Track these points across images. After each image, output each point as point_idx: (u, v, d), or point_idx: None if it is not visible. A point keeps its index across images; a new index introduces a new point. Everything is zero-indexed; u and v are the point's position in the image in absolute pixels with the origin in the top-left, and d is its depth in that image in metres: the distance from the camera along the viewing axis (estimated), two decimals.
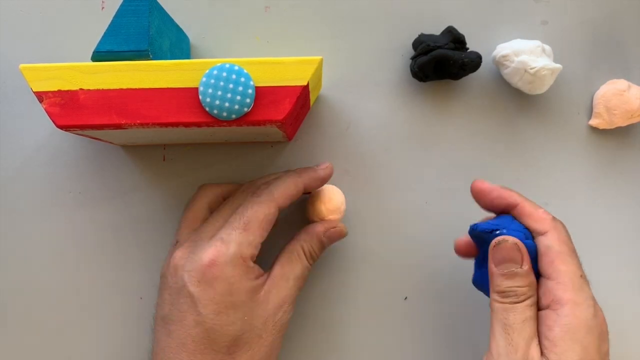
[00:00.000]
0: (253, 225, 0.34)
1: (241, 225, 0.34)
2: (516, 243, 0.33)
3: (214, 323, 0.32)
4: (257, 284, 0.34)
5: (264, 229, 0.34)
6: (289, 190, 0.36)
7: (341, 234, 0.38)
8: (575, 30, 0.42)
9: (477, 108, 0.42)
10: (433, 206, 0.42)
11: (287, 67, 0.32)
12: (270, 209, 0.35)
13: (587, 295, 0.32)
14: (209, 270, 0.33)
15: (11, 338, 0.41)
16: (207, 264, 0.33)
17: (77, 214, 0.42)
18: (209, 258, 0.33)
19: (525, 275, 0.33)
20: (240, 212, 0.35)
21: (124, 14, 0.34)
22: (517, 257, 0.33)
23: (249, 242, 0.34)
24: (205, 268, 0.33)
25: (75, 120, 0.33)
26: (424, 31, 0.41)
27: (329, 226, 0.37)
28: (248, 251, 0.34)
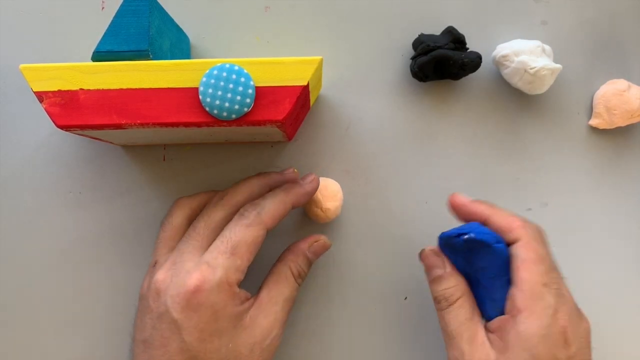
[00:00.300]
0: (241, 250, 0.33)
1: (228, 249, 0.33)
2: (433, 249, 0.35)
3: (198, 350, 0.31)
4: (242, 309, 0.33)
5: (251, 253, 0.33)
6: (278, 211, 0.35)
7: (325, 246, 0.38)
8: (575, 30, 0.42)
9: (477, 108, 0.42)
10: (433, 206, 0.42)
11: (287, 67, 0.32)
12: (258, 231, 0.33)
13: (546, 304, 0.32)
14: (193, 297, 0.31)
15: (11, 338, 0.41)
16: (192, 289, 0.31)
17: (77, 214, 0.42)
18: (194, 284, 0.31)
19: (449, 277, 0.34)
20: (227, 235, 0.33)
21: (124, 14, 0.34)
22: (438, 262, 0.35)
23: (236, 267, 0.32)
24: (189, 294, 0.31)
25: (75, 120, 0.33)
26: (424, 31, 0.41)
27: (312, 240, 0.37)
28: (235, 276, 0.32)
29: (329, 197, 0.39)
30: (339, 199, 0.39)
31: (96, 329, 0.41)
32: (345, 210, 0.41)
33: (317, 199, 0.39)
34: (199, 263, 0.32)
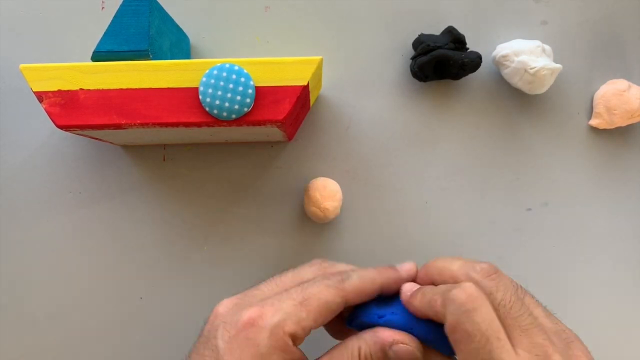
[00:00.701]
0: (311, 304, 0.29)
1: (299, 298, 0.30)
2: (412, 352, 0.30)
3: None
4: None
5: (320, 313, 0.30)
6: (364, 286, 0.31)
7: (411, 354, 0.30)
8: (575, 30, 0.42)
9: (477, 108, 0.42)
10: (433, 206, 0.42)
11: (287, 67, 0.32)
12: (336, 297, 0.30)
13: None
14: (244, 329, 0.29)
15: (11, 337, 0.41)
16: (245, 321, 0.29)
17: (77, 214, 0.42)
18: (249, 316, 0.29)
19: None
20: (304, 286, 0.30)
21: (124, 14, 0.34)
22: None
23: (299, 319, 0.29)
24: (241, 325, 0.29)
25: (75, 120, 0.33)
26: (424, 31, 0.41)
27: (399, 339, 0.30)
28: (293, 327, 0.29)
29: (327, 197, 0.39)
30: (338, 199, 0.39)
31: (96, 329, 0.41)
32: (345, 210, 0.41)
33: (315, 198, 0.39)
34: (265, 300, 0.30)
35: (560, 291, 0.42)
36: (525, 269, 0.42)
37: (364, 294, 0.31)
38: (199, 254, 0.42)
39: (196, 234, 0.42)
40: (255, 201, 0.42)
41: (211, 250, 0.42)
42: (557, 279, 0.42)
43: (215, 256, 0.42)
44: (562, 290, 0.42)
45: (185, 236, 0.42)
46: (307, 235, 0.41)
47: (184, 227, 0.42)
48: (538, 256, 0.42)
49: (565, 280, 0.42)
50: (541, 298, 0.42)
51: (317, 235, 0.42)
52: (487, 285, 0.28)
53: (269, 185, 0.42)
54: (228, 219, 0.42)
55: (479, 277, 0.29)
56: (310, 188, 0.39)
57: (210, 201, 0.42)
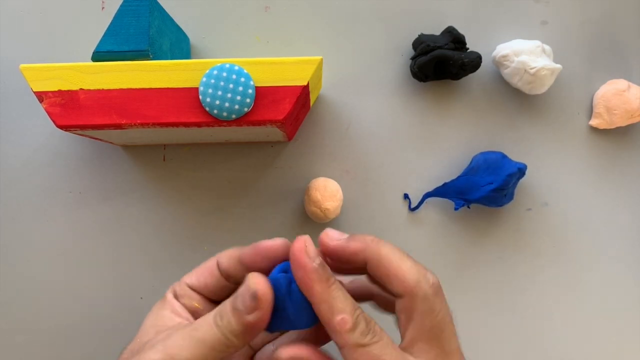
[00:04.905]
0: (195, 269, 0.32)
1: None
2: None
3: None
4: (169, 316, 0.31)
5: (195, 272, 0.32)
6: (232, 250, 0.31)
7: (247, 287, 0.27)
8: (575, 30, 0.42)
9: (477, 108, 0.42)
10: (433, 206, 0.42)
11: (287, 67, 0.32)
12: (211, 259, 0.32)
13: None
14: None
15: (11, 337, 0.41)
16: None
17: (77, 214, 0.42)
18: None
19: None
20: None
21: (124, 14, 0.34)
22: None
23: (180, 279, 0.32)
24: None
25: (75, 120, 0.33)
26: (424, 31, 0.41)
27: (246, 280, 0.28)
28: (174, 286, 0.32)
29: (328, 197, 0.39)
30: (338, 199, 0.40)
31: (96, 329, 0.41)
32: (345, 210, 0.41)
33: (316, 198, 0.39)
34: None
35: (560, 291, 0.42)
36: (525, 269, 0.42)
37: (230, 257, 0.31)
38: (199, 254, 0.42)
39: (196, 234, 0.42)
40: (255, 201, 0.42)
41: (211, 250, 0.42)
42: (557, 279, 0.42)
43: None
44: (562, 290, 0.42)
45: (185, 236, 0.42)
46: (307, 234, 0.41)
47: (184, 227, 0.42)
48: (538, 256, 0.42)
49: (565, 280, 0.42)
50: (541, 298, 0.42)
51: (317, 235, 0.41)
52: (433, 302, 0.27)
53: (269, 185, 0.42)
54: (228, 219, 0.42)
55: (430, 291, 0.27)
56: (311, 188, 0.40)
57: (210, 201, 0.42)
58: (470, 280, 0.42)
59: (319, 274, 0.27)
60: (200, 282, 0.31)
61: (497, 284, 0.42)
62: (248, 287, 0.27)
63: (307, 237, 0.28)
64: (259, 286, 0.27)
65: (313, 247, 0.28)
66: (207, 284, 0.31)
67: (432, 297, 0.27)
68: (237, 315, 0.27)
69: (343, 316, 0.26)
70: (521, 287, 0.42)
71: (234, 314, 0.27)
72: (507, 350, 0.42)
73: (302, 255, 0.28)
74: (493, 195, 0.39)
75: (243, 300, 0.27)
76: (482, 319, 0.42)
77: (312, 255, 0.28)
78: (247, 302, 0.27)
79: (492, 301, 0.42)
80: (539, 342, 0.42)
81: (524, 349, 0.42)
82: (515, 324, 0.42)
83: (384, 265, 0.28)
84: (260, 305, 0.27)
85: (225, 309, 0.28)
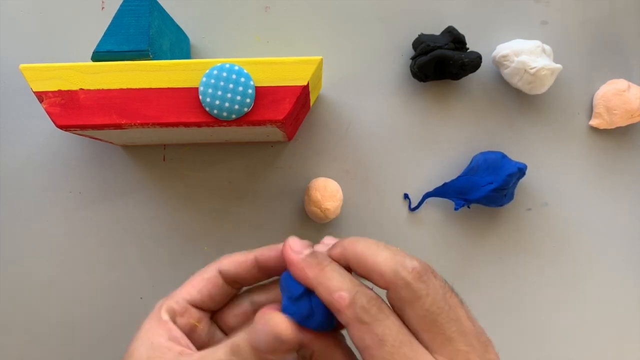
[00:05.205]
0: (185, 283, 0.31)
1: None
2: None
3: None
4: (166, 345, 0.29)
5: (194, 286, 0.31)
6: (237, 256, 0.31)
7: (276, 332, 0.26)
8: (575, 30, 0.42)
9: (477, 108, 0.42)
10: (433, 206, 0.42)
11: (287, 67, 0.32)
12: (208, 269, 0.31)
13: None
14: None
15: (11, 337, 0.41)
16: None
17: (77, 214, 0.42)
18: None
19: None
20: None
21: (124, 14, 0.34)
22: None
23: (172, 296, 0.31)
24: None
25: (75, 120, 0.33)
26: (424, 31, 0.41)
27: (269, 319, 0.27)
28: (166, 304, 0.30)
29: (328, 197, 0.39)
30: (338, 199, 0.40)
31: (96, 329, 0.41)
32: (345, 210, 0.41)
33: (316, 198, 0.39)
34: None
35: (560, 291, 0.42)
36: (525, 269, 0.42)
37: (237, 262, 0.31)
38: (199, 254, 0.42)
39: (196, 234, 0.42)
40: (255, 201, 0.42)
41: (211, 250, 0.42)
42: (557, 279, 0.42)
43: (215, 256, 0.41)
44: (562, 290, 0.42)
45: (185, 236, 0.42)
46: (307, 235, 0.41)
47: (184, 227, 0.42)
48: (538, 256, 0.42)
49: (565, 280, 0.42)
50: (541, 298, 0.42)
51: (317, 235, 0.42)
52: (417, 289, 0.26)
53: (269, 185, 0.42)
54: (228, 219, 0.42)
55: (410, 278, 0.26)
56: (311, 188, 0.40)
57: (210, 201, 0.42)
58: (470, 280, 0.42)
59: (307, 262, 0.27)
60: (204, 295, 0.31)
61: (497, 284, 0.42)
62: (272, 328, 0.26)
63: (290, 237, 0.29)
64: (282, 327, 0.26)
65: (297, 243, 0.28)
66: (211, 296, 0.31)
67: (415, 283, 0.26)
68: (257, 355, 0.26)
69: (340, 293, 0.26)
70: (521, 287, 0.42)
71: (254, 354, 0.26)
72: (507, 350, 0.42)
73: (288, 254, 0.28)
74: (493, 195, 0.39)
75: (267, 341, 0.26)
76: (482, 318, 0.42)
77: (297, 249, 0.28)
78: (272, 343, 0.26)
79: (492, 301, 0.42)
80: (539, 342, 0.42)
81: (524, 348, 0.42)
82: (515, 323, 0.42)
83: (362, 264, 0.27)
84: (286, 346, 0.26)
85: (241, 345, 0.27)
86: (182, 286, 0.31)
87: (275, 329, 0.26)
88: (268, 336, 0.26)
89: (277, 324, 0.26)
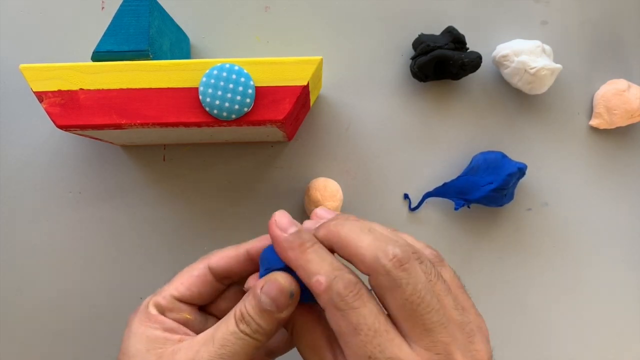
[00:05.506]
0: (174, 278, 0.31)
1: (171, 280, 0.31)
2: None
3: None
4: (166, 336, 0.29)
5: (182, 282, 0.30)
6: (226, 251, 0.31)
7: (279, 287, 0.27)
8: (575, 30, 0.42)
9: (477, 108, 0.42)
10: (433, 206, 0.42)
11: (287, 67, 0.32)
12: (197, 265, 0.31)
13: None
14: (129, 317, 0.30)
15: (11, 337, 0.41)
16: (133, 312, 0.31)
17: (77, 214, 0.42)
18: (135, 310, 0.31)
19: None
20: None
21: (124, 14, 0.34)
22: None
23: (161, 291, 0.30)
24: (130, 316, 0.31)
25: (75, 120, 0.33)
26: (424, 31, 0.41)
27: (268, 278, 0.28)
28: (154, 299, 0.30)
29: (328, 197, 0.39)
30: (338, 199, 0.40)
31: (96, 329, 0.41)
32: (345, 210, 0.41)
33: (316, 198, 0.39)
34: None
35: (560, 291, 0.42)
36: (525, 269, 0.42)
37: (228, 257, 0.31)
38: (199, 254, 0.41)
39: (196, 234, 0.42)
40: (255, 201, 0.42)
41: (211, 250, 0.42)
42: (557, 279, 0.42)
43: None
44: (562, 290, 0.42)
45: (185, 236, 0.42)
46: None
47: (184, 227, 0.42)
48: (538, 256, 0.42)
49: (565, 280, 0.42)
50: (541, 298, 0.42)
51: None
52: (397, 277, 0.25)
53: (269, 185, 0.42)
54: (228, 219, 0.42)
55: (390, 265, 0.25)
56: (311, 188, 0.40)
57: (210, 201, 0.42)
58: (470, 280, 0.42)
59: (290, 242, 0.27)
60: (194, 292, 0.31)
61: (497, 284, 0.42)
62: (280, 286, 0.27)
63: (279, 211, 0.29)
64: (293, 285, 0.27)
65: (285, 219, 0.28)
66: (201, 293, 0.31)
67: (395, 271, 0.25)
68: (267, 316, 0.27)
69: (317, 277, 0.26)
70: (521, 287, 0.42)
71: (263, 316, 0.27)
72: (506, 350, 0.42)
73: (273, 230, 0.28)
74: (493, 195, 0.39)
75: (275, 300, 0.27)
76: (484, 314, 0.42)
77: (282, 226, 0.28)
78: (282, 301, 0.27)
79: (492, 301, 0.42)
80: (538, 342, 0.42)
81: (524, 348, 0.42)
82: (515, 323, 0.42)
83: (344, 248, 0.27)
84: (296, 300, 0.27)
85: (249, 312, 0.27)
86: (170, 283, 0.31)
87: (277, 284, 0.27)
88: (273, 293, 0.27)
89: (277, 279, 0.27)
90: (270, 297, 0.27)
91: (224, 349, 0.27)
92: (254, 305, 0.27)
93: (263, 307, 0.27)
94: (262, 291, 0.27)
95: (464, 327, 0.26)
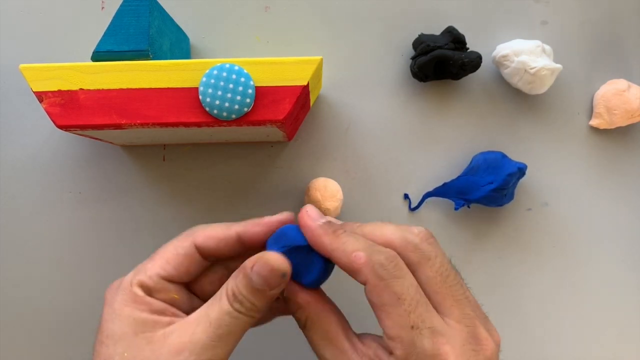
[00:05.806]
0: (157, 254, 0.30)
1: (152, 255, 0.31)
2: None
3: (96, 353, 0.28)
4: (155, 319, 0.28)
5: (168, 261, 0.30)
6: (214, 230, 0.31)
7: (268, 267, 0.27)
8: (575, 30, 0.42)
9: (477, 108, 0.42)
10: (433, 206, 0.42)
11: (287, 67, 0.32)
12: (182, 242, 0.30)
13: (420, 350, 0.26)
14: (107, 292, 0.30)
15: (11, 337, 0.41)
16: (109, 288, 0.30)
17: (77, 214, 0.42)
18: (113, 284, 0.30)
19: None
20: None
21: (124, 14, 0.34)
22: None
23: (145, 270, 0.29)
24: (107, 292, 0.30)
25: (75, 120, 0.33)
26: (424, 31, 0.41)
27: (258, 257, 0.28)
28: (138, 278, 0.29)
29: (328, 197, 0.39)
30: (338, 199, 0.40)
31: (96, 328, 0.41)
32: (345, 210, 0.41)
33: (316, 198, 0.39)
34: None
35: (560, 291, 0.42)
36: (525, 269, 0.42)
37: (216, 238, 0.30)
38: None
39: None
40: (255, 201, 0.42)
41: None
42: (557, 278, 0.42)
43: None
44: (562, 290, 0.42)
45: None
46: None
47: (184, 227, 0.41)
48: (538, 256, 0.42)
49: (565, 280, 0.42)
50: (541, 297, 0.42)
51: None
52: (426, 250, 0.28)
53: (269, 185, 0.42)
54: (228, 219, 0.41)
55: (418, 240, 0.28)
56: (311, 188, 0.40)
57: (210, 201, 0.42)
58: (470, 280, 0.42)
59: (324, 229, 0.28)
60: (181, 271, 0.30)
61: (497, 283, 0.42)
62: (272, 267, 0.27)
63: (309, 205, 0.30)
64: (284, 265, 0.28)
65: (315, 210, 0.30)
66: (189, 271, 0.30)
67: (423, 245, 0.28)
68: (260, 294, 0.28)
69: (357, 252, 0.27)
70: (521, 287, 0.42)
71: (256, 294, 0.28)
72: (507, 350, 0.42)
73: (306, 220, 0.29)
74: (493, 195, 0.39)
75: (266, 279, 0.27)
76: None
77: (315, 217, 0.29)
78: (273, 280, 0.27)
79: (491, 301, 0.42)
80: (538, 342, 0.42)
81: (524, 348, 0.42)
82: (515, 323, 0.42)
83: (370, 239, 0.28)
84: (287, 279, 0.28)
85: (241, 291, 0.28)
86: (153, 261, 0.30)
87: (269, 262, 0.27)
88: (264, 272, 0.27)
89: (269, 258, 0.28)
90: (261, 276, 0.27)
91: (221, 329, 0.27)
92: (245, 284, 0.28)
93: (254, 286, 0.27)
94: (254, 271, 0.28)
95: (480, 308, 0.29)
